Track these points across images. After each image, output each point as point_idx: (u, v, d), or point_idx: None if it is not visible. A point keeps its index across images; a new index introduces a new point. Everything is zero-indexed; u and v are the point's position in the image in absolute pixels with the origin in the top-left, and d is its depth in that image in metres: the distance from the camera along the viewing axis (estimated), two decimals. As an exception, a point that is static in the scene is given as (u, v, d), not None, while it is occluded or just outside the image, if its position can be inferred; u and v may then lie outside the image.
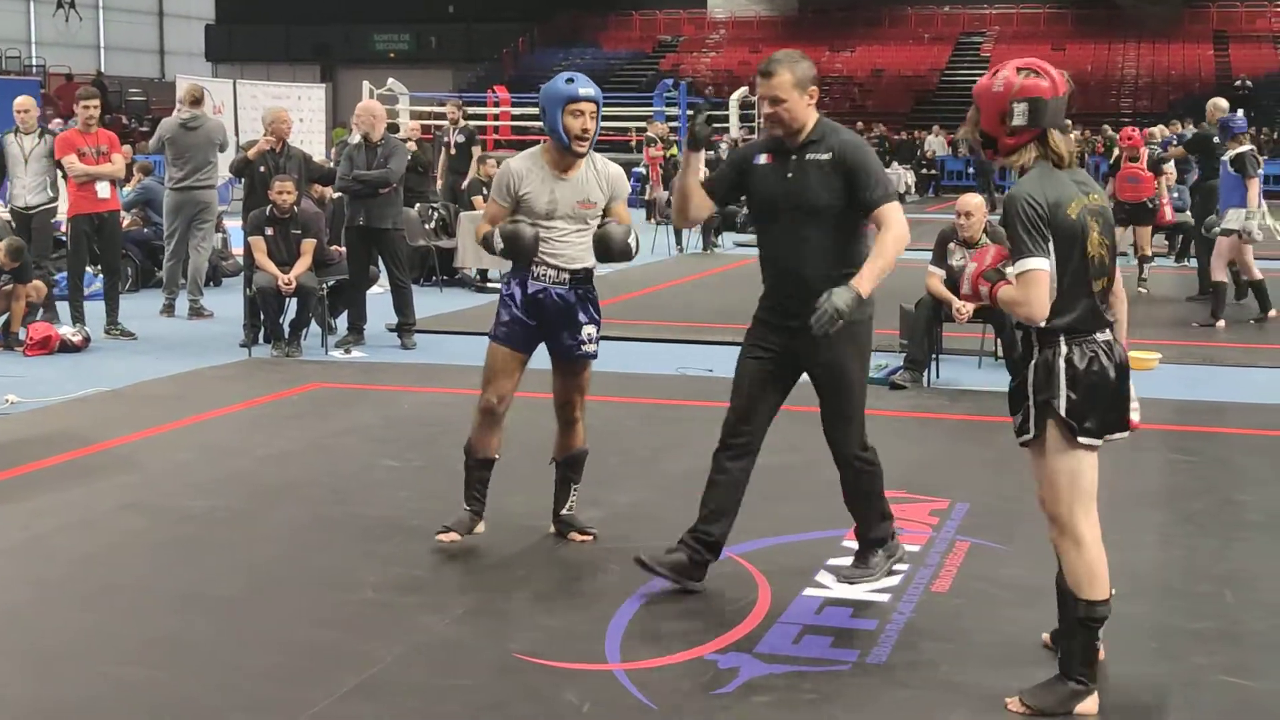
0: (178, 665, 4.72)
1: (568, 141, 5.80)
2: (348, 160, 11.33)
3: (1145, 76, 45.17)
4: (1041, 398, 4.32)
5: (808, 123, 5.23)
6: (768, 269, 5.45)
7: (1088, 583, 4.36)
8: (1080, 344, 4.30)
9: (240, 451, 7.77)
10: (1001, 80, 4.33)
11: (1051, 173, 4.32)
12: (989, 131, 4.39)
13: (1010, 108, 4.29)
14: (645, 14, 54.15)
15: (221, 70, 49.75)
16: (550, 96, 5.83)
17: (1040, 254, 4.20)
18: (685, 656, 4.79)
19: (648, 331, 12.11)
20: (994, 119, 4.34)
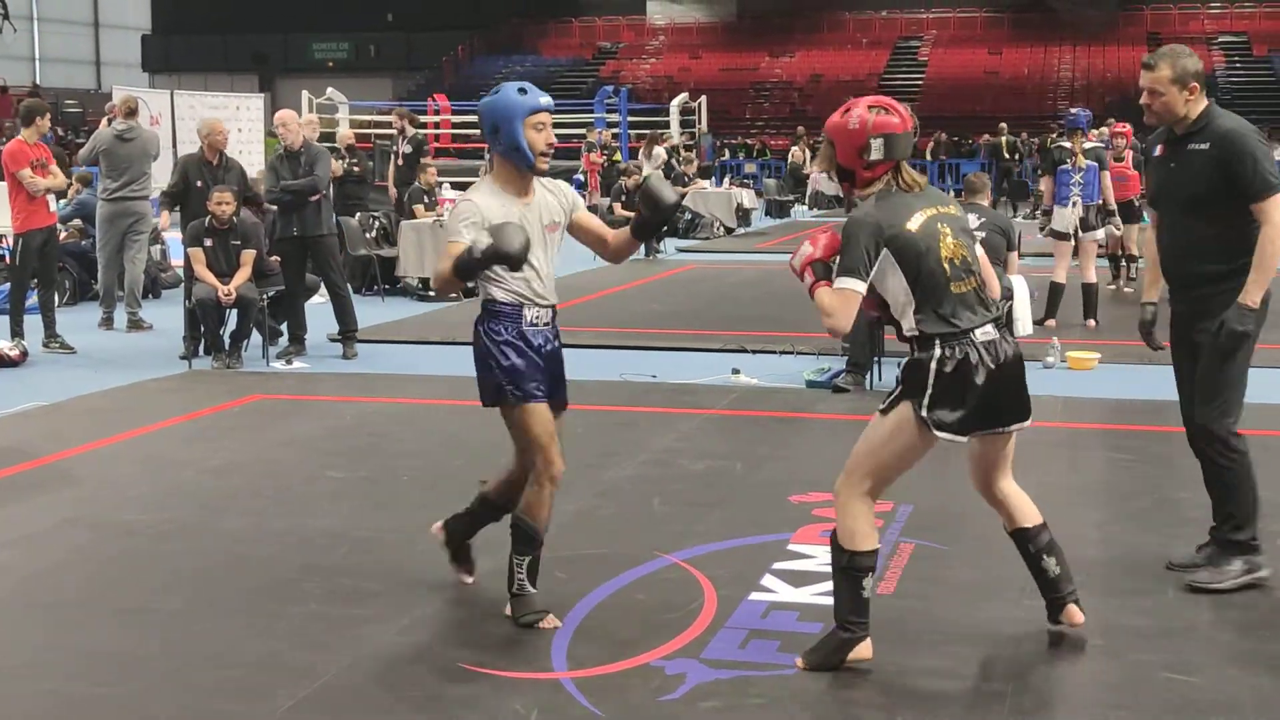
0: (124, 681, 4.68)
1: (532, 159, 5.05)
2: (272, 172, 11.31)
3: (1081, 79, 45.64)
4: (910, 393, 4.66)
5: (1190, 114, 5.42)
6: (1163, 264, 5.71)
7: (856, 537, 4.71)
8: (954, 345, 4.61)
9: (182, 464, 7.71)
10: (856, 118, 4.66)
11: (889, 196, 4.66)
12: (846, 165, 4.71)
13: (868, 143, 4.63)
14: (585, 21, 54.18)
15: (158, 81, 49.41)
16: (505, 109, 5.02)
17: (860, 277, 4.57)
18: (632, 663, 4.79)
19: (590, 338, 12.11)
20: (851, 154, 4.67)
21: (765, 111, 46.29)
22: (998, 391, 4.66)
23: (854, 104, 4.72)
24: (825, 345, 11.10)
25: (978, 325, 4.63)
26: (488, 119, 5.08)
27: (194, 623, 5.24)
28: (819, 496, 6.86)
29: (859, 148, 4.64)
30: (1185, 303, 5.61)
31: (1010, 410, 4.78)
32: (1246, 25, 47.78)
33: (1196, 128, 5.40)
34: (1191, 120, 5.41)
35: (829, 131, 4.74)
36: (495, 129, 5.04)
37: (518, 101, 5.03)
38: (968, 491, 7.07)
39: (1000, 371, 4.65)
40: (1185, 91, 5.38)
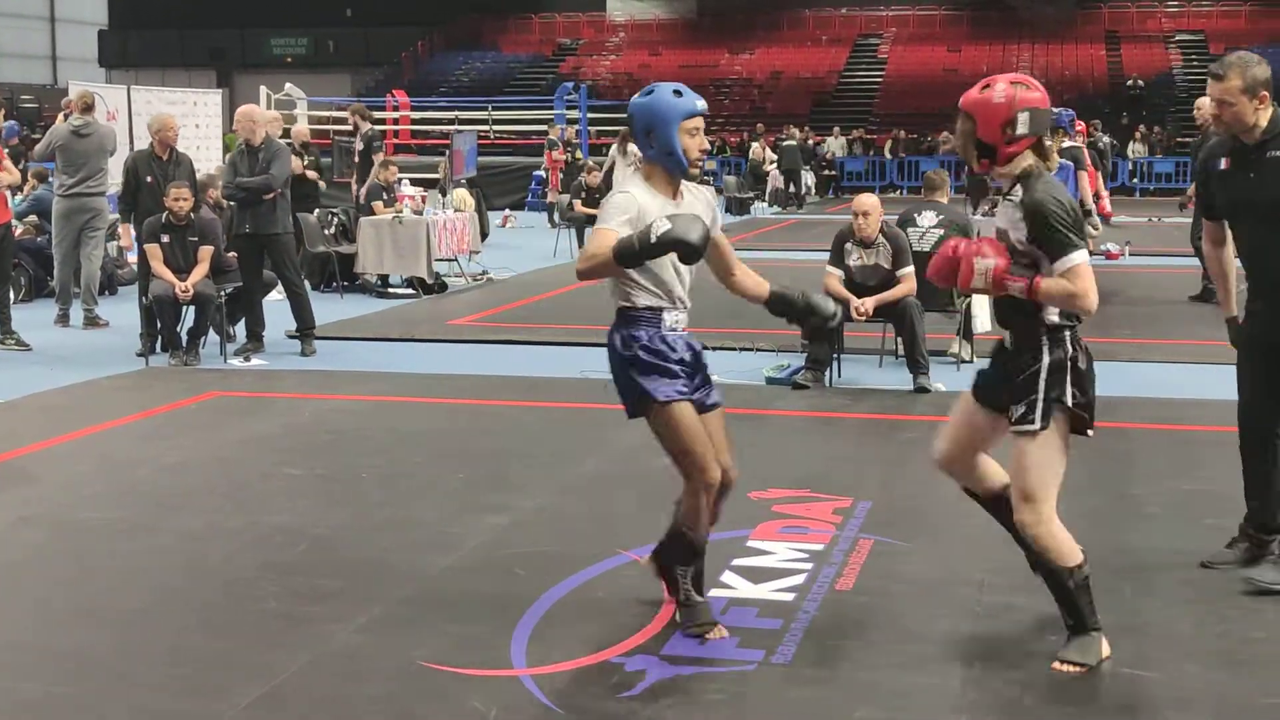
0: (78, 680, 4.64)
1: (686, 165, 4.87)
2: (230, 167, 11.26)
3: (1040, 77, 45.31)
4: (1054, 394, 4.66)
5: (1260, 122, 5.35)
6: (1244, 267, 5.64)
7: (1072, 553, 4.73)
8: (1078, 341, 4.71)
9: (138, 462, 7.66)
10: (1002, 93, 4.60)
11: (1047, 176, 4.66)
12: (988, 141, 4.62)
13: (1015, 117, 4.57)
14: (544, 17, 54.12)
15: (115, 76, 49.07)
16: (662, 112, 4.84)
17: (1080, 248, 4.56)
18: (591, 660, 4.78)
19: (551, 335, 12.10)
20: (995, 129, 4.59)
21: (725, 108, 46.32)
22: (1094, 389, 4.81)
23: (994, 80, 4.67)
24: (784, 342, 11.12)
25: None
26: (642, 121, 4.88)
27: (149, 621, 5.21)
28: (778, 493, 6.88)
29: (1005, 122, 4.58)
30: (1269, 305, 5.53)
31: None
32: (1204, 24, 48.13)
33: (1271, 134, 5.35)
34: (1264, 128, 5.36)
35: (970, 107, 4.66)
36: (649, 131, 4.85)
37: (674, 104, 4.86)
38: (926, 488, 7.09)
39: None
40: (1255, 100, 5.32)
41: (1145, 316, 13.45)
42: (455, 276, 16.36)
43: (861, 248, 9.77)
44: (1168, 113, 40.56)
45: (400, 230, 14.94)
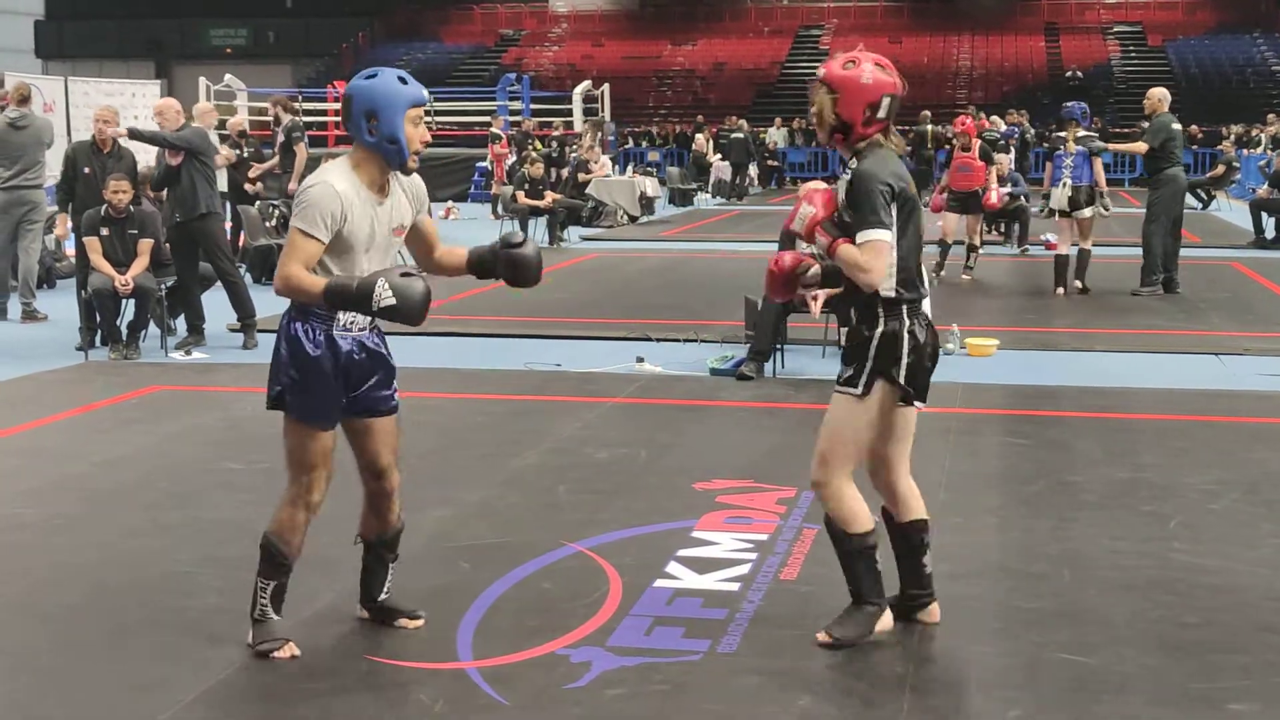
0: (14, 678, 4.60)
1: (406, 156, 4.57)
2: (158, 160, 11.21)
3: (979, 68, 46.18)
4: (881, 364, 4.67)
5: None
6: None
7: (859, 519, 4.77)
8: (917, 315, 4.72)
9: (76, 457, 7.59)
10: (869, 74, 4.59)
11: (893, 156, 4.68)
12: (848, 119, 4.61)
13: (880, 100, 4.58)
14: (486, 8, 53.96)
15: (52, 68, 48.40)
16: (387, 97, 4.52)
17: (885, 227, 4.55)
18: (537, 652, 4.78)
19: (494, 327, 12.08)
20: (858, 108, 4.59)
21: (668, 99, 46.37)
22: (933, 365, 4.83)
23: (859, 58, 4.63)
24: (728, 333, 11.15)
25: (926, 296, 4.81)
26: (362, 104, 4.53)
27: (86, 617, 5.16)
28: (723, 483, 6.90)
29: (870, 104, 4.58)
30: None
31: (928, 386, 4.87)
32: (1141, 15, 48.62)
33: None
34: None
35: (834, 81, 4.61)
36: (371, 115, 4.51)
37: (400, 91, 4.54)
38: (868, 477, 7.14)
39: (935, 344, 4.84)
40: None
41: (1087, 306, 13.58)
42: (398, 268, 16.25)
43: None
44: (1107, 103, 40.90)
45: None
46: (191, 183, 10.92)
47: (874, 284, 4.59)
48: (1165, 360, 10.49)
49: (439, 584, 5.49)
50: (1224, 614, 5.16)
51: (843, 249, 4.62)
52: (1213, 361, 10.46)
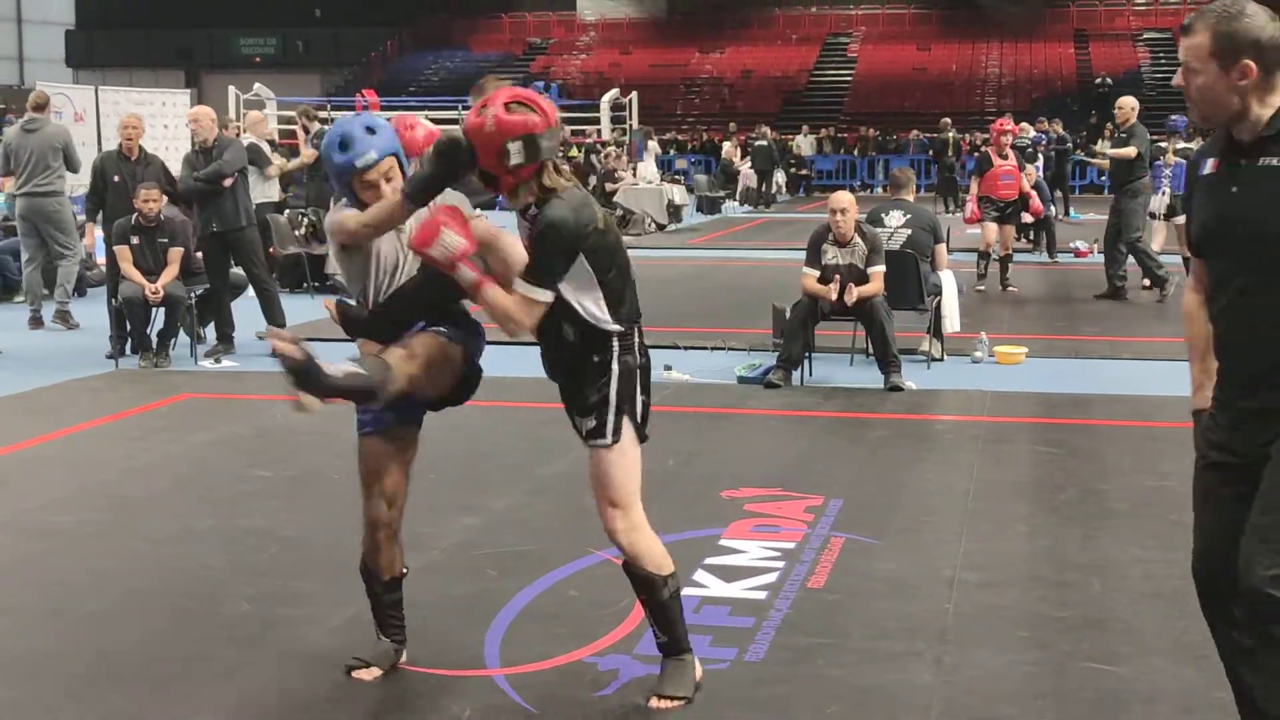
0: (44, 684, 4.63)
1: None
2: (187, 165, 11.23)
3: (1008, 75, 46.07)
4: (625, 405, 4.32)
5: (1252, 108, 3.50)
6: (1215, 323, 3.66)
7: (666, 559, 4.38)
8: (635, 347, 4.36)
9: (107, 464, 7.63)
10: (492, 119, 4.10)
11: (575, 196, 4.21)
12: (488, 170, 4.17)
13: (505, 147, 4.10)
14: (514, 16, 54.09)
15: (83, 77, 48.77)
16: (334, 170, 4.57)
17: (551, 286, 4.18)
18: (565, 660, 4.79)
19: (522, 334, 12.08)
20: (492, 158, 4.13)
21: (696, 107, 46.38)
22: None
23: (493, 99, 4.15)
24: (756, 342, 11.14)
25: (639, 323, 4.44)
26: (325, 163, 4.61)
27: (118, 624, 5.19)
28: (750, 491, 6.90)
29: (498, 152, 4.10)
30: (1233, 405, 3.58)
31: None
32: (1171, 22, 48.32)
33: (1272, 131, 3.47)
34: (1263, 121, 3.48)
35: (467, 132, 4.18)
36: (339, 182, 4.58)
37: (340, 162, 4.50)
38: (897, 485, 7.14)
39: None
40: (1235, 71, 3.47)
41: (1114, 314, 13.53)
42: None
43: (838, 246, 9.80)
44: (1136, 110, 40.72)
45: (371, 231, 14.89)
46: (233, 194, 11.01)
47: (515, 334, 4.29)
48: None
49: (467, 591, 5.50)
50: (1254, 624, 5.12)
51: (492, 292, 4.19)
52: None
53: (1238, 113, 3.51)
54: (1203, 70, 3.52)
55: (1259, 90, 3.47)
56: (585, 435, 4.38)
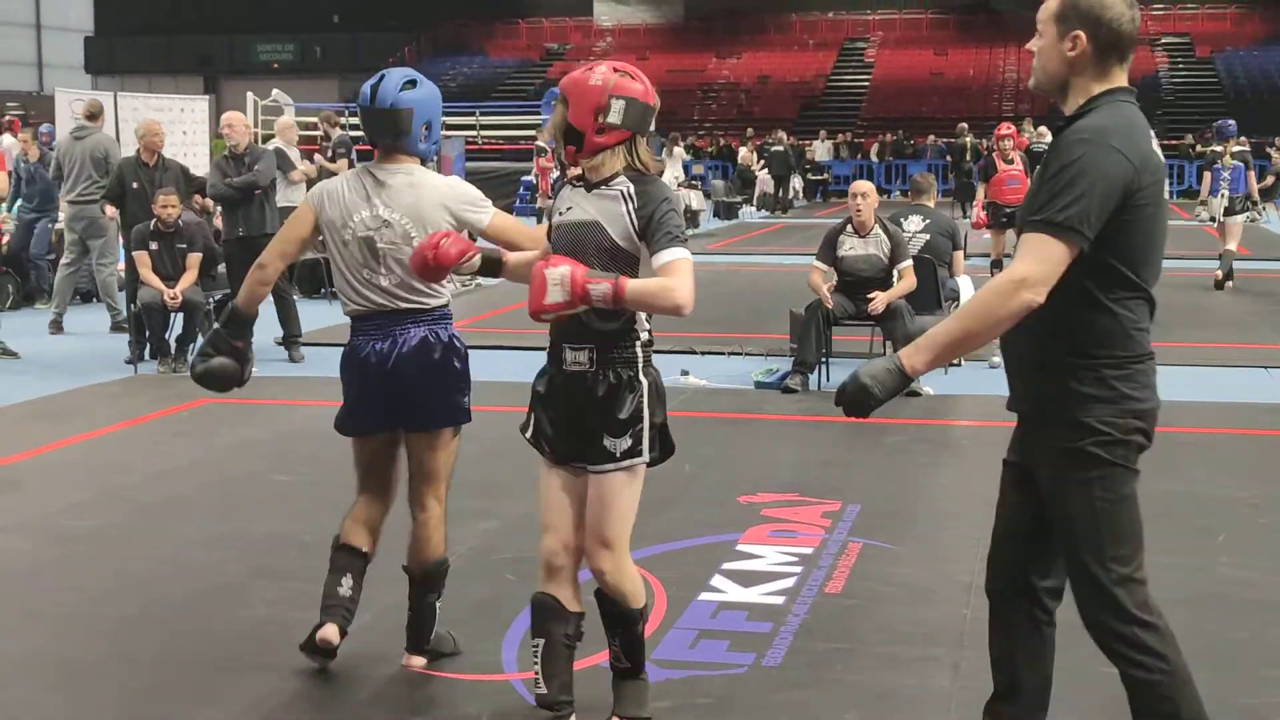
0: (66, 687, 4.65)
1: None
2: (217, 170, 11.27)
3: (1025, 80, 45.87)
4: (659, 419, 4.12)
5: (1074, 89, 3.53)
6: None
7: (641, 592, 4.23)
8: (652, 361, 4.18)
9: (127, 468, 7.66)
10: (601, 74, 4.04)
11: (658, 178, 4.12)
12: (579, 125, 4.04)
13: (607, 102, 3.99)
14: (532, 22, 54.15)
15: (101, 83, 48.96)
16: (439, 104, 4.82)
17: (686, 244, 4.00)
18: (582, 665, 4.79)
19: (539, 340, 12.09)
20: (588, 113, 4.01)
21: (712, 113, 46.38)
22: None
23: (596, 64, 4.13)
24: (773, 347, 11.14)
25: None
26: (426, 113, 4.68)
27: (139, 628, 5.21)
28: (768, 497, 6.90)
29: (597, 108, 3.99)
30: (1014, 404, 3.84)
31: None
32: (1189, 26, 48.31)
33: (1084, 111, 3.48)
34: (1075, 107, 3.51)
35: (565, 87, 4.13)
36: (429, 125, 4.71)
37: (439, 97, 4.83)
38: (914, 491, 7.13)
39: None
40: (1067, 41, 3.46)
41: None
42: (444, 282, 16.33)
43: (857, 236, 9.81)
44: (1154, 115, 40.66)
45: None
46: (261, 201, 11.07)
47: (686, 304, 3.85)
48: (1214, 373, 10.42)
49: (485, 597, 5.51)
50: (1273, 628, 5.13)
51: (633, 285, 3.87)
52: (1262, 375, 10.38)
53: (1062, 85, 3.53)
54: (1044, 33, 3.52)
55: (1088, 70, 3.46)
56: (619, 457, 4.06)
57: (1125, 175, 3.32)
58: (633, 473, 4.10)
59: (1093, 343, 3.43)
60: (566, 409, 4.11)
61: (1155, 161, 3.42)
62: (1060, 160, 3.36)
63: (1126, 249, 3.39)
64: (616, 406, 4.03)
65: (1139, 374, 3.52)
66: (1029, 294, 3.30)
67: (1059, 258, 3.30)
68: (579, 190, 4.10)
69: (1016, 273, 3.33)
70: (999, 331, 3.45)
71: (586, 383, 4.06)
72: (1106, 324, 3.43)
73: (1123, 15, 3.43)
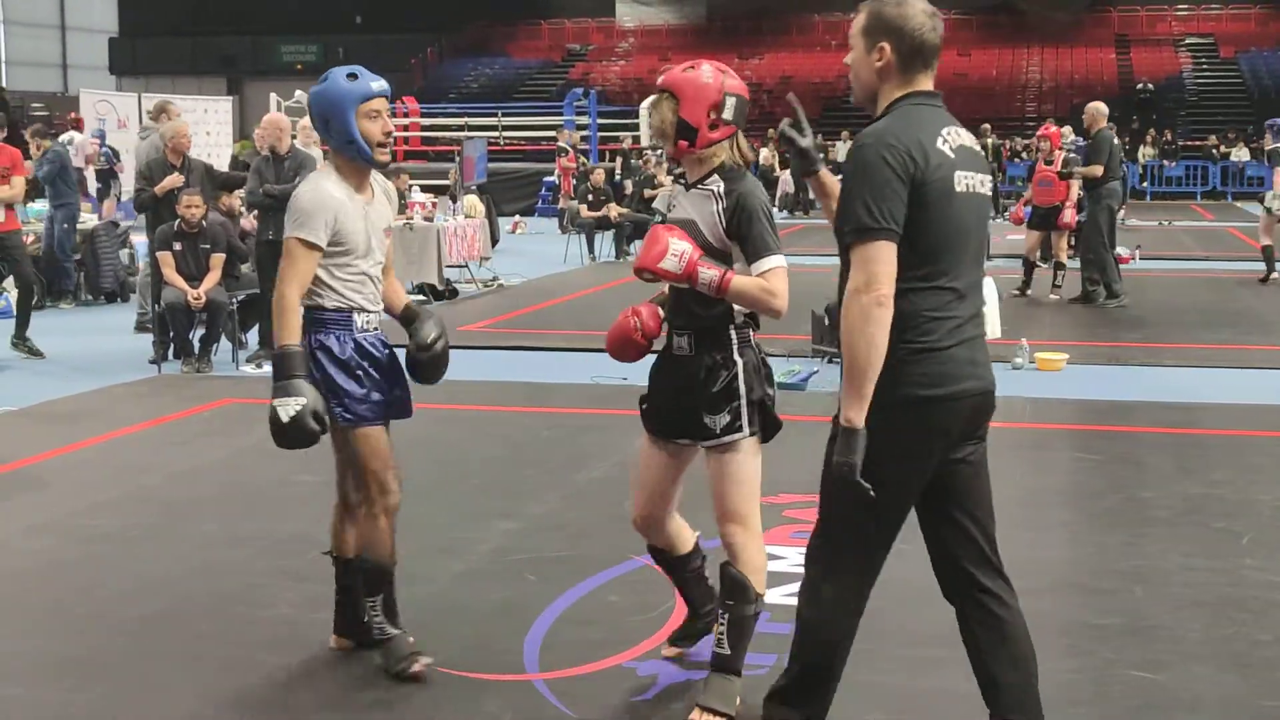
0: (90, 686, 4.67)
1: (369, 152, 4.60)
2: (256, 174, 11.24)
3: (1049, 81, 45.87)
4: (755, 395, 4.41)
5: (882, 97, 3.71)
6: None
7: (763, 578, 4.48)
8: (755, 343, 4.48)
9: (151, 469, 7.69)
10: (709, 73, 4.28)
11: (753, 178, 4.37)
12: (691, 121, 4.25)
13: (724, 99, 4.25)
14: (554, 23, 54.18)
15: (126, 84, 49.18)
16: (335, 98, 4.59)
17: (780, 252, 4.29)
18: (604, 665, 4.80)
19: (560, 341, 12.12)
20: (703, 110, 4.24)
21: (735, 114, 46.32)
22: None
23: (699, 63, 4.36)
24: (795, 347, 11.13)
25: None
26: (316, 110, 4.62)
27: (162, 627, 5.23)
28: (789, 498, 6.89)
29: (713, 104, 4.23)
30: None
31: None
32: (1213, 27, 48.10)
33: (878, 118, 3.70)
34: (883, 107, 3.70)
35: (673, 83, 4.31)
36: (326, 121, 4.60)
37: (348, 89, 4.58)
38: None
39: None
40: (874, 53, 3.69)
41: (1156, 320, 13.45)
42: (466, 282, 16.40)
43: None
44: (1178, 116, 40.53)
45: (411, 237, 14.99)
46: None
47: (782, 309, 4.27)
48: (1237, 375, 10.38)
49: (506, 596, 5.52)
50: (1298, 632, 5.10)
51: (738, 281, 4.20)
52: (1287, 376, 10.34)
53: (873, 95, 3.70)
54: (854, 47, 3.75)
55: (893, 78, 3.65)
56: (719, 432, 4.37)
57: (904, 168, 3.48)
58: (738, 447, 4.39)
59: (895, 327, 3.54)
60: (671, 390, 4.44)
61: (940, 157, 3.53)
62: (848, 169, 3.59)
63: (922, 238, 3.52)
64: (712, 384, 4.34)
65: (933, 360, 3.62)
66: (866, 297, 3.48)
67: (882, 256, 3.47)
68: (679, 188, 4.42)
69: (849, 288, 3.54)
70: (879, 341, 3.53)
71: (688, 366, 4.38)
72: (905, 310, 3.55)
73: (924, 25, 3.63)
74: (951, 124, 3.64)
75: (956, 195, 3.57)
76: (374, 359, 4.76)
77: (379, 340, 4.82)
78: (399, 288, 5.07)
